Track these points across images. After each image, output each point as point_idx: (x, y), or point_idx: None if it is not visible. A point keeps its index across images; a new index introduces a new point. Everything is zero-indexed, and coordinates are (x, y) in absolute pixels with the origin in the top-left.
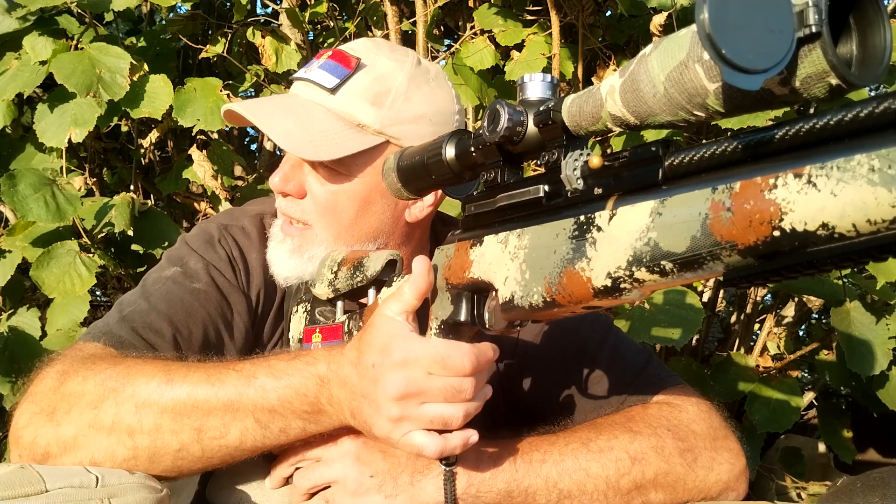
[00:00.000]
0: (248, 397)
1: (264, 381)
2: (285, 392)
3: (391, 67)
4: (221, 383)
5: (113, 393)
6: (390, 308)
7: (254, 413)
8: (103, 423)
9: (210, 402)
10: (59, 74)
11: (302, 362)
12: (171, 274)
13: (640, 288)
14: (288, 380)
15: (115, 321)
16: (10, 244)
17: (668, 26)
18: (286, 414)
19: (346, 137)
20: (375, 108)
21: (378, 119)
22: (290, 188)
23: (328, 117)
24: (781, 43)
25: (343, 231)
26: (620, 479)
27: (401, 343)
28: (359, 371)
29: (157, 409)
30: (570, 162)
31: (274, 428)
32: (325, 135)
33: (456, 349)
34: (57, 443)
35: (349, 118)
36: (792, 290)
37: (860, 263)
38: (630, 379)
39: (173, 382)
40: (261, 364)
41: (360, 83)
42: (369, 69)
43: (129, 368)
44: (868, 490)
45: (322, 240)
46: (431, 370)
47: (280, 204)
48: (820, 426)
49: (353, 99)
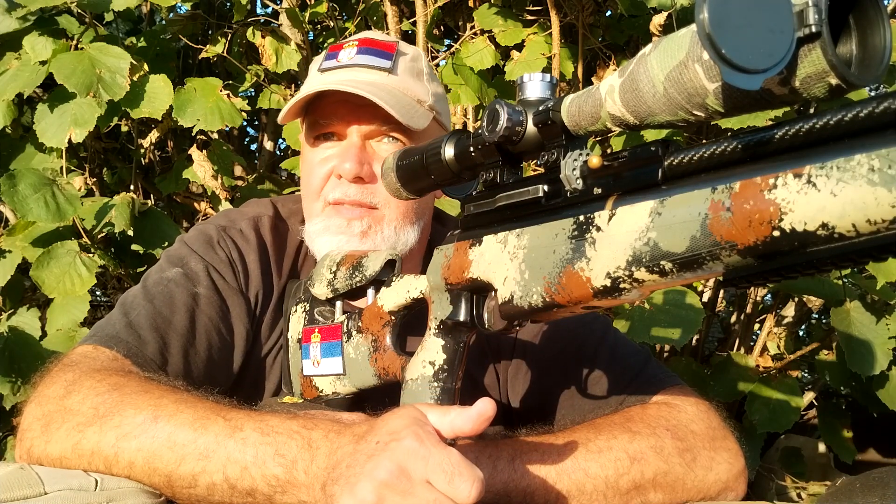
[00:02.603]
0: (226, 449)
1: (248, 434)
2: (264, 450)
3: (414, 51)
4: (205, 430)
5: (100, 420)
6: (427, 411)
7: (225, 468)
8: (84, 450)
9: (186, 448)
10: (59, 74)
11: (298, 424)
12: (172, 275)
13: (640, 288)
14: (273, 437)
15: (123, 326)
16: (10, 244)
17: (668, 26)
18: (256, 476)
19: (418, 111)
20: (425, 85)
21: (428, 94)
22: (365, 172)
23: (400, 93)
24: (781, 43)
25: (409, 209)
26: (619, 479)
27: (418, 432)
28: (358, 445)
29: (135, 446)
30: (569, 162)
31: (241, 489)
32: (409, 109)
33: (469, 471)
34: (46, 459)
35: (411, 94)
36: (792, 290)
37: (860, 263)
38: (629, 379)
39: (158, 421)
40: (254, 417)
41: (405, 64)
42: (404, 54)
43: (123, 396)
44: (868, 490)
45: (391, 219)
46: (433, 478)
47: (344, 192)
48: (820, 426)
49: (407, 77)
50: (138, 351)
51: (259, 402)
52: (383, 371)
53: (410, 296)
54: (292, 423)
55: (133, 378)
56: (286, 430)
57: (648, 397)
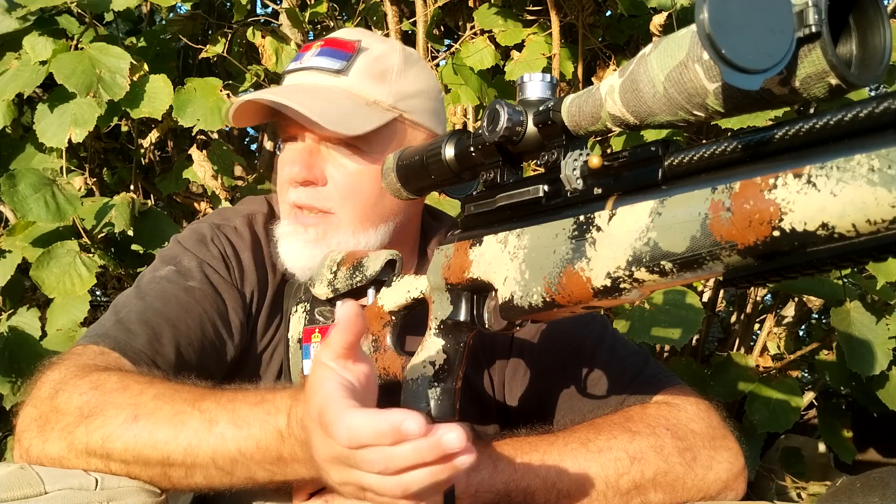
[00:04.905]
0: (208, 445)
1: (224, 429)
2: (245, 444)
3: (384, 48)
4: (183, 425)
5: (85, 421)
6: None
7: (214, 461)
8: (78, 449)
9: (170, 446)
10: (59, 74)
11: (263, 411)
12: (165, 273)
13: (640, 288)
14: (248, 430)
15: (112, 323)
16: (10, 244)
17: (668, 26)
18: (249, 464)
19: (366, 114)
20: (384, 85)
21: (389, 93)
22: (313, 175)
23: (344, 96)
24: (781, 43)
25: (366, 213)
26: (620, 479)
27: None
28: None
29: (122, 447)
30: (569, 162)
31: (239, 475)
32: (348, 113)
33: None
34: (46, 458)
35: (364, 95)
36: (792, 290)
37: (860, 263)
38: (629, 379)
39: (139, 420)
40: (226, 406)
41: (364, 63)
42: (368, 51)
43: (104, 395)
44: (868, 490)
45: (347, 224)
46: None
47: (298, 195)
48: (820, 426)
49: (361, 78)
50: (126, 344)
51: None
52: (384, 371)
53: (411, 296)
54: (259, 410)
55: (113, 374)
56: (257, 421)
57: (648, 397)
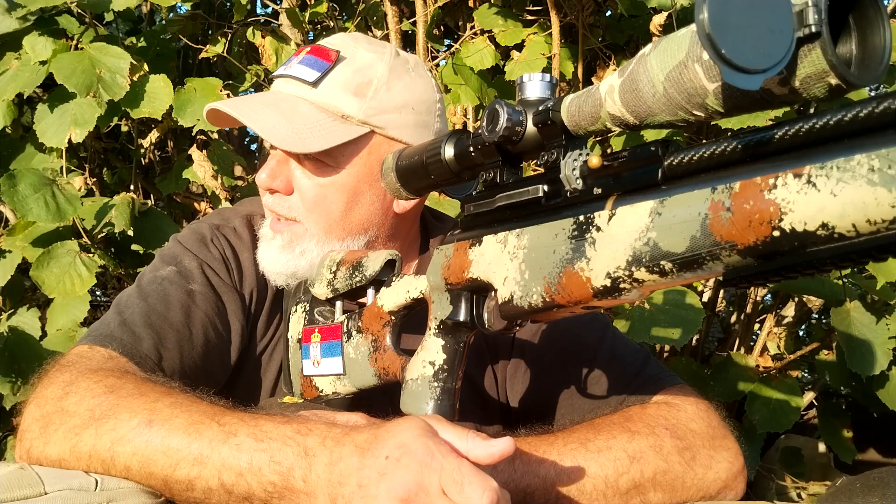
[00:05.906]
0: (220, 455)
1: (242, 440)
2: (259, 456)
3: (371, 59)
4: (199, 434)
5: (95, 423)
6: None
7: (220, 473)
8: (81, 452)
9: (181, 454)
10: (59, 74)
11: (292, 429)
12: (166, 274)
13: (640, 288)
14: (268, 444)
15: (117, 325)
16: (10, 244)
17: (668, 26)
18: (252, 482)
19: (331, 129)
20: (358, 99)
21: (361, 109)
22: (277, 184)
23: (312, 110)
24: (781, 43)
25: (333, 224)
26: (619, 479)
27: (428, 444)
28: (364, 458)
29: (130, 450)
30: (569, 162)
31: (237, 494)
32: (310, 127)
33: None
34: (45, 460)
35: (333, 110)
36: (792, 290)
37: (860, 263)
38: (629, 379)
39: (153, 425)
40: (248, 421)
41: (342, 75)
42: (349, 61)
43: (119, 399)
44: (867, 490)
45: (313, 234)
46: (447, 488)
47: (267, 201)
48: (820, 426)
49: (335, 91)
50: (133, 348)
51: (256, 399)
52: (383, 371)
53: (410, 296)
54: (286, 428)
55: (129, 379)
56: (280, 436)
57: (648, 397)
